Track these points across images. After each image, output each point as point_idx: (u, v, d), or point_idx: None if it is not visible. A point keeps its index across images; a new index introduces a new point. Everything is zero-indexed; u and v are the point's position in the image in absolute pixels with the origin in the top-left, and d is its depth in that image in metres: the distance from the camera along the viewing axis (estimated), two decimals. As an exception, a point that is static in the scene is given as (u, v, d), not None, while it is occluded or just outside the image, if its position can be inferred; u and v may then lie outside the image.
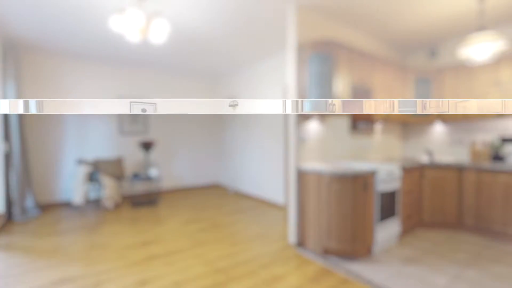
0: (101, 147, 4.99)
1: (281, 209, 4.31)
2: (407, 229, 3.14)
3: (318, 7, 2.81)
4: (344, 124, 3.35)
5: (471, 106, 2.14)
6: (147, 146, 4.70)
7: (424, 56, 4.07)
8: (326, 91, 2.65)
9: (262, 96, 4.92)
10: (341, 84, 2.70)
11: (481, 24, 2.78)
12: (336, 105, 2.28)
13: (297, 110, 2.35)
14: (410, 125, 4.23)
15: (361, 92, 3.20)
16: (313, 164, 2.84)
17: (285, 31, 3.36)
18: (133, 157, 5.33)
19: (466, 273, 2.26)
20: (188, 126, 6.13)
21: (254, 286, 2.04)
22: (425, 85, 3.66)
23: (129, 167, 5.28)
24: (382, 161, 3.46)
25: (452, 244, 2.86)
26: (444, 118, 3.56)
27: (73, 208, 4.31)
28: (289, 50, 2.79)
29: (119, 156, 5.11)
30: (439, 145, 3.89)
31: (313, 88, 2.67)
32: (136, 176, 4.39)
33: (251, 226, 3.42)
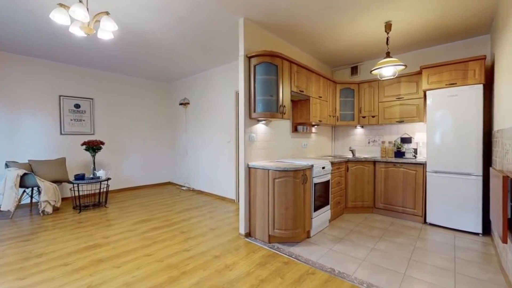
0: (38, 148, 4.22)
1: (234, 203, 4.30)
2: (336, 214, 3.47)
3: (262, 22, 2.89)
4: (287, 126, 3.52)
5: (395, 111, 2.45)
6: (93, 146, 4.14)
7: (349, 72, 4.56)
8: (272, 96, 2.73)
9: (216, 101, 4.83)
10: (285, 90, 2.82)
11: (388, 50, 3.23)
12: (286, 107, 2.40)
13: (249, 113, 2.40)
14: (339, 128, 4.69)
15: (300, 98, 3.40)
16: (261, 162, 2.91)
17: (238, 41, 3.36)
18: (78, 158, 4.64)
19: (378, 245, 2.61)
20: (139, 126, 5.63)
21: (207, 277, 1.98)
22: (349, 94, 4.10)
23: (74, 169, 4.58)
24: (318, 158, 3.75)
25: (368, 224, 3.27)
26: (363, 123, 4.04)
27: (2, 215, 3.53)
28: (239, 58, 2.80)
29: (61, 157, 4.39)
30: (360, 144, 4.41)
31: (260, 94, 2.73)
32: (81, 177, 3.83)
33: (204, 222, 3.32)
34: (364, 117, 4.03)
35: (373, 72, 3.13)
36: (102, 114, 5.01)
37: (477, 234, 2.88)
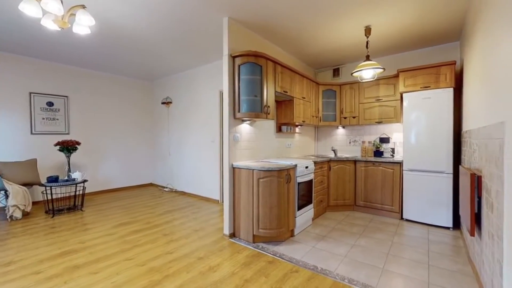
0: (5, 149, 3.92)
1: (218, 204, 4.26)
2: (319, 212, 3.56)
3: (247, 22, 2.89)
4: (271, 127, 3.55)
5: (374, 112, 2.54)
6: (68, 147, 3.92)
7: (331, 73, 4.68)
8: (256, 96, 2.74)
9: (200, 100, 4.76)
10: (269, 91, 2.84)
11: (368, 53, 3.36)
12: (271, 107, 2.41)
13: (233, 113, 2.40)
14: (321, 128, 4.80)
15: (284, 98, 3.44)
16: (245, 162, 2.90)
17: (222, 40, 3.33)
18: (51, 159, 4.38)
19: (359, 242, 2.70)
20: (119, 126, 5.41)
21: (191, 279, 1.95)
22: (331, 95, 4.21)
23: (47, 170, 4.31)
24: (301, 157, 3.82)
25: (349, 221, 3.37)
26: (344, 123, 4.17)
27: (-38, 223, 3.24)
28: (224, 58, 2.78)
29: (32, 158, 4.11)
30: (341, 144, 4.55)
31: (245, 94, 2.73)
32: (55, 180, 3.61)
33: (188, 223, 3.26)
34: (345, 117, 4.16)
35: (354, 74, 3.24)
36: (78, 112, 4.76)
37: (448, 228, 3.07)
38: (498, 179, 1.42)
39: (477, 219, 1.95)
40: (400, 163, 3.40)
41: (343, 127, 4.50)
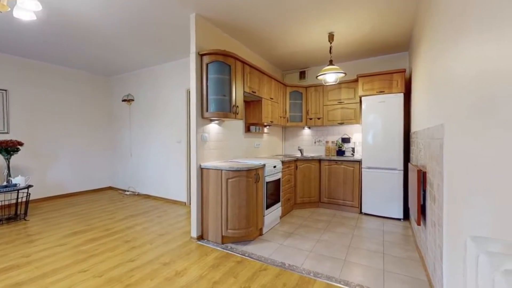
0: None
1: (185, 206, 4.12)
2: (287, 210, 3.66)
3: (215, 20, 2.85)
4: (240, 127, 3.54)
5: (337, 113, 2.68)
6: (7, 148, 3.43)
7: (297, 75, 4.85)
8: (225, 96, 2.71)
9: (165, 99, 4.54)
10: (238, 91, 2.83)
11: (331, 58, 3.56)
12: (239, 107, 2.41)
13: (201, 112, 2.36)
14: (289, 128, 4.94)
15: (253, 99, 3.47)
16: (213, 162, 2.85)
17: (189, 37, 3.22)
18: (-17, 162, 3.77)
19: (323, 236, 2.85)
20: (71, 124, 4.90)
21: (155, 286, 1.85)
22: (298, 97, 4.37)
23: (-23, 176, 3.70)
24: (270, 157, 3.89)
25: (315, 217, 3.54)
26: (310, 124, 4.36)
27: None
28: (191, 56, 2.70)
29: (-42, 161, 3.48)
30: (307, 144, 4.74)
31: (213, 93, 2.68)
32: (-12, 186, 3.12)
33: (152, 228, 3.09)
34: (311, 118, 4.35)
35: (318, 77, 3.40)
36: (21, 109, 4.18)
37: (399, 219, 3.40)
38: (439, 175, 1.62)
39: (422, 210, 2.20)
40: (359, 162, 3.67)
41: (309, 127, 4.70)
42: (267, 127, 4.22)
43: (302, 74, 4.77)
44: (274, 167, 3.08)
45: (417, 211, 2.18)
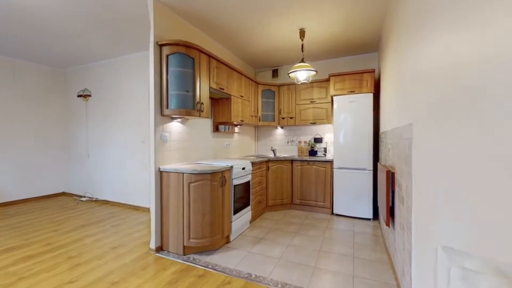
0: None
1: (148, 213, 3.76)
2: (258, 214, 3.49)
3: (177, 8, 2.59)
4: (207, 126, 3.30)
5: (309, 113, 2.53)
6: None
7: (270, 74, 4.72)
8: (188, 92, 2.47)
9: (127, 94, 4.13)
10: (202, 86, 2.60)
11: (303, 56, 3.47)
12: (205, 105, 2.16)
13: (161, 109, 2.07)
14: (261, 128, 4.80)
15: (221, 96, 3.25)
16: (176, 164, 2.59)
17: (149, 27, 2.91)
18: None
19: (294, 241, 2.73)
20: (13, 122, 4.27)
21: (96, 314, 1.56)
22: (270, 96, 4.23)
23: None
24: (241, 158, 3.70)
25: (287, 220, 3.42)
26: (282, 123, 4.25)
27: None
28: (150, 45, 2.41)
29: None
30: (280, 144, 4.63)
31: (174, 88, 2.42)
32: None
33: (105, 239, 2.73)
34: (283, 118, 4.24)
35: (290, 75, 3.29)
36: None
37: (369, 219, 3.41)
38: (407, 175, 1.55)
39: (391, 211, 2.16)
40: (331, 162, 3.63)
41: (282, 127, 4.60)
42: (238, 126, 4.03)
43: (275, 72, 4.65)
44: (243, 168, 2.90)
45: (386, 212, 2.13)
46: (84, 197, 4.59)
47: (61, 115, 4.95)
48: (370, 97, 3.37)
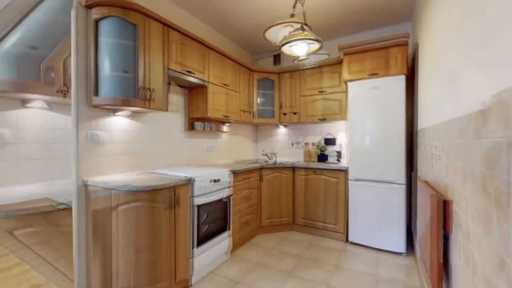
0: None
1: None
2: (245, 238, 2.64)
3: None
4: (176, 123, 2.54)
5: (317, 107, 1.80)
6: None
7: (271, 60, 3.87)
8: (127, 73, 1.74)
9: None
10: (153, 66, 1.86)
11: (305, 21, 2.58)
12: (157, 92, 1.12)
13: (87, 97, 1.06)
14: (261, 127, 3.94)
15: (193, 83, 2.47)
16: (115, 176, 1.86)
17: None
18: None
19: (284, 287, 1.85)
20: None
21: None
22: (268, 86, 3.38)
23: None
24: (228, 164, 2.91)
25: (283, 248, 2.53)
26: (284, 121, 3.36)
27: None
28: (73, 6, 1.71)
29: None
30: (283, 146, 3.73)
31: (108, 67, 1.70)
32: None
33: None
34: (285, 114, 3.35)
35: (282, 49, 2.40)
36: None
37: (400, 254, 2.40)
38: (489, 214, 0.62)
39: (445, 269, 1.21)
40: (345, 171, 2.68)
41: (285, 125, 3.70)
42: (227, 124, 3.23)
43: (277, 58, 3.78)
44: (215, 181, 2.09)
45: (434, 270, 1.18)
46: None
47: None
48: (401, 80, 2.38)
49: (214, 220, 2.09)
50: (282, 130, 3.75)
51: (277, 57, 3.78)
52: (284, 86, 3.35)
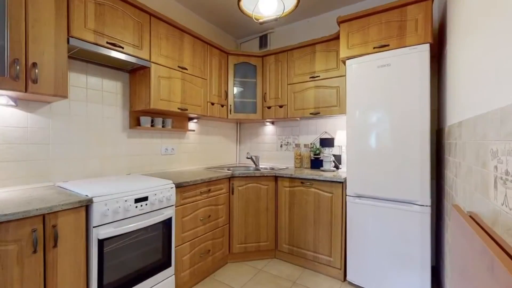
0: None
1: None
2: (202, 273, 1.96)
3: None
4: (111, 117, 1.91)
5: (308, 97, 1.57)
6: None
7: (257, 43, 3.18)
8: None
9: None
10: (38, 30, 1.24)
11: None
12: (43, 69, 0.98)
13: None
14: (246, 125, 3.25)
15: (129, 64, 1.84)
16: (-13, 192, 1.26)
17: None
18: None
19: None
20: None
21: None
22: (249, 73, 2.69)
23: None
24: (202, 169, 2.26)
25: (255, 287, 1.84)
26: (268, 116, 2.66)
27: None
28: None
29: None
30: (270, 148, 3.02)
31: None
32: None
33: None
34: (269, 107, 2.65)
35: (242, 7, 1.71)
36: None
37: (423, 308, 1.62)
38: None
39: None
40: (342, 183, 1.93)
41: (272, 122, 2.99)
42: (194, 121, 2.57)
43: (263, 40, 3.08)
44: (141, 200, 1.43)
45: None
46: None
47: None
48: (424, 51, 1.60)
49: (141, 257, 1.44)
50: (269, 129, 3.04)
51: (264, 39, 3.07)
52: (268, 73, 2.65)
